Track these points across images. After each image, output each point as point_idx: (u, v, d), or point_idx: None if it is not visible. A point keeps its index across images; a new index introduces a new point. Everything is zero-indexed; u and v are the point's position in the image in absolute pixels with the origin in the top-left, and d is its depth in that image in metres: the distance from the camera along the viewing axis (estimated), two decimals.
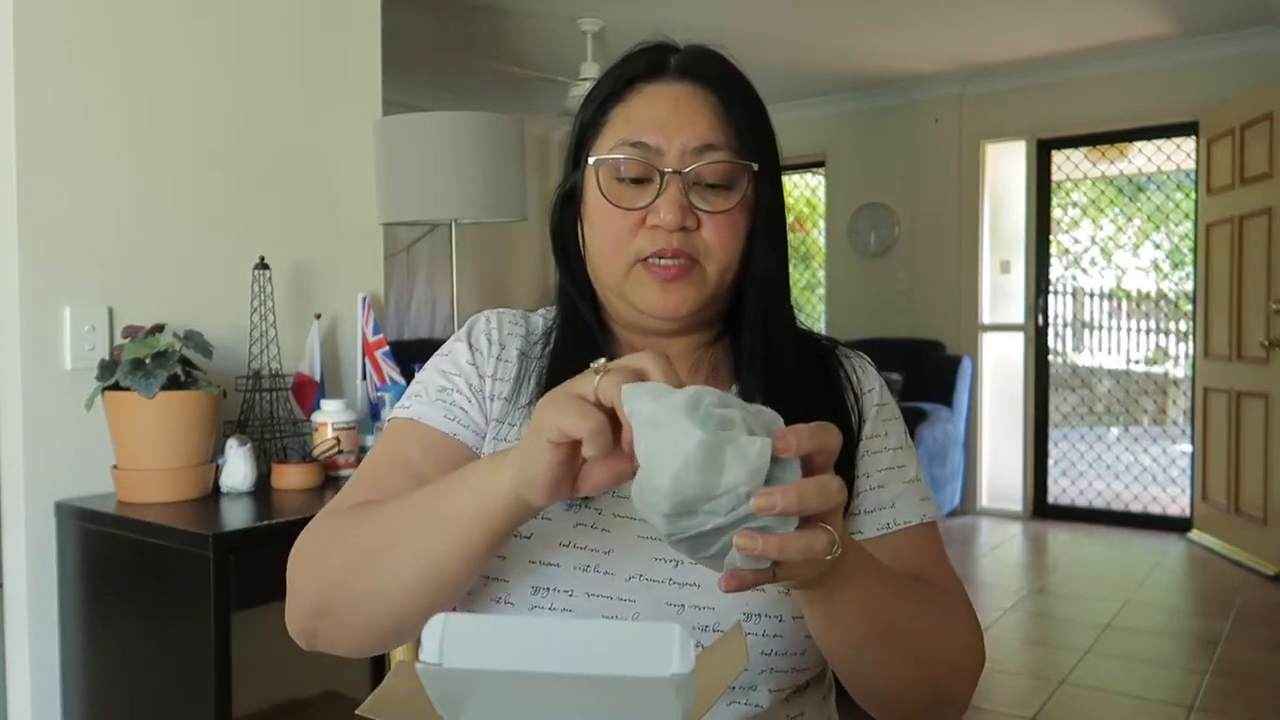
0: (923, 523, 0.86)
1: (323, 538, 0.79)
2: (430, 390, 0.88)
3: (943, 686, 0.78)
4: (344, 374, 2.19)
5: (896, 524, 0.85)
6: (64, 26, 1.74)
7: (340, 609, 0.76)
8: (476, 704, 0.53)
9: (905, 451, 0.90)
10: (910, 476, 0.88)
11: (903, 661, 0.74)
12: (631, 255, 0.82)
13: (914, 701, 0.77)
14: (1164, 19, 4.49)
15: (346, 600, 0.75)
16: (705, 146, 0.81)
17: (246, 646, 1.88)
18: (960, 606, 0.82)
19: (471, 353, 0.90)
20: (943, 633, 0.78)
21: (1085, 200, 7.24)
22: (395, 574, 0.72)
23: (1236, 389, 4.44)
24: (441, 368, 0.90)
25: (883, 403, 0.90)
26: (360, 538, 0.75)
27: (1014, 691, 2.89)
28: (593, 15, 4.33)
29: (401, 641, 0.78)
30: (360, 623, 0.75)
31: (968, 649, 0.80)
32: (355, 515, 0.77)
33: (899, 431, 0.90)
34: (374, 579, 0.73)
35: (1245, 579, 4.12)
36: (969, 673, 0.80)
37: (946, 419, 5.09)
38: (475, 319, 0.93)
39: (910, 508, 0.86)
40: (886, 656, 0.73)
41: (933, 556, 0.86)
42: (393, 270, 5.56)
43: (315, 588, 0.77)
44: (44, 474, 1.73)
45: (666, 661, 0.49)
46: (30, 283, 1.71)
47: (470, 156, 2.13)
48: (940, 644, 0.77)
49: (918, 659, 0.74)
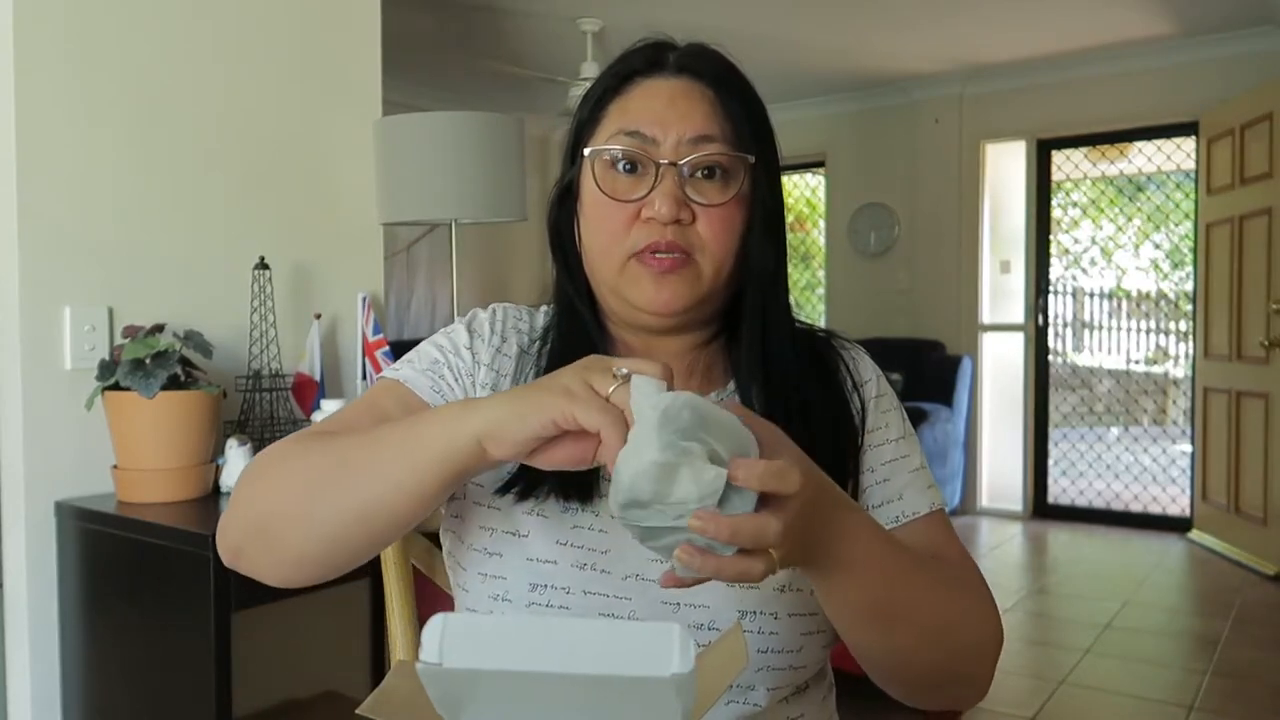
0: (932, 511, 0.86)
1: (282, 454, 0.77)
2: (423, 360, 0.88)
3: (958, 662, 0.77)
4: (344, 374, 2.19)
5: (906, 516, 0.85)
6: (64, 26, 1.74)
7: (279, 526, 0.73)
8: (476, 704, 0.53)
9: (907, 441, 0.89)
10: (915, 466, 0.88)
11: (915, 637, 0.73)
12: (627, 249, 0.82)
13: (930, 678, 0.77)
14: (1164, 19, 4.49)
15: (289, 516, 0.73)
16: (701, 138, 0.81)
17: (246, 646, 1.88)
18: (975, 583, 0.81)
19: (471, 338, 0.89)
20: (957, 609, 0.77)
21: (1085, 200, 7.24)
22: (343, 494, 0.71)
23: (1236, 389, 4.44)
24: (439, 343, 0.90)
25: (880, 394, 0.90)
26: (319, 456, 0.74)
27: (1014, 691, 2.89)
28: (593, 15, 4.33)
29: (322, 576, 0.76)
30: (293, 543, 0.73)
31: (983, 626, 0.79)
32: (319, 438, 0.76)
33: (899, 421, 0.90)
34: (322, 497, 0.71)
35: (1245, 579, 4.12)
36: (986, 650, 0.79)
37: (946, 419, 5.09)
38: (479, 310, 0.93)
39: (918, 498, 0.86)
40: (897, 632, 0.72)
41: (945, 542, 0.85)
42: (393, 270, 5.56)
43: (262, 501, 0.75)
44: (44, 474, 1.73)
45: (666, 661, 0.49)
46: (30, 283, 1.71)
47: (470, 156, 2.13)
48: (954, 620, 0.76)
49: (930, 634, 0.74)
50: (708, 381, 0.89)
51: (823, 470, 0.66)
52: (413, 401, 0.85)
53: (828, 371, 0.89)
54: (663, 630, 0.50)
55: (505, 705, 0.53)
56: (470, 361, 0.88)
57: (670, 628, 0.50)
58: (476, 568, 0.83)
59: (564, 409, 0.62)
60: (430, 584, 1.04)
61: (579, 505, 0.81)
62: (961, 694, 0.80)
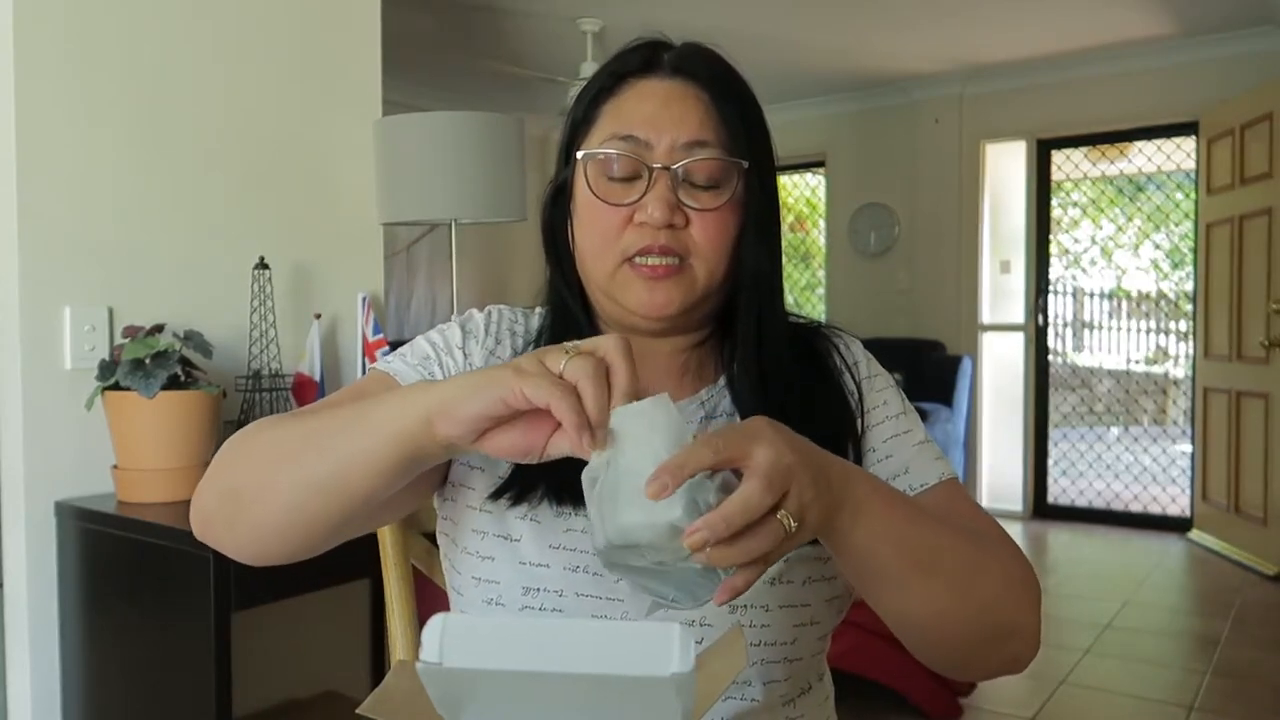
0: (942, 481, 0.85)
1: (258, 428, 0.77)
2: (416, 354, 0.88)
3: (994, 614, 0.74)
4: (344, 374, 2.19)
5: (915, 488, 0.84)
6: (64, 26, 1.74)
7: (244, 495, 0.73)
8: (476, 704, 0.53)
9: (907, 417, 0.88)
10: (918, 440, 0.87)
11: (944, 586, 0.71)
12: (619, 253, 0.81)
13: (970, 633, 0.74)
14: (1164, 19, 4.49)
15: (252, 485, 0.73)
16: (695, 143, 0.81)
17: (246, 646, 1.88)
18: (997, 535, 0.79)
19: (465, 338, 0.89)
20: (981, 563, 0.73)
21: (1085, 200, 7.23)
22: (301, 467, 0.70)
23: (1236, 389, 4.44)
24: (432, 340, 0.90)
25: (873, 374, 0.90)
26: (287, 430, 0.74)
27: (1014, 691, 2.89)
28: (593, 15, 4.33)
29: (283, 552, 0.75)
30: (255, 514, 0.73)
31: (1014, 578, 0.75)
32: (294, 415, 0.76)
33: (895, 399, 0.89)
34: (282, 468, 0.71)
35: (1245, 579, 4.12)
36: (1025, 598, 0.75)
37: (946, 419, 5.09)
38: (478, 311, 0.93)
39: (925, 469, 0.85)
40: (928, 583, 0.70)
41: (964, 509, 0.83)
42: (393, 270, 5.56)
43: (229, 471, 0.75)
44: (44, 474, 1.73)
45: (666, 661, 0.49)
46: (30, 283, 1.71)
47: (470, 156, 2.13)
48: (980, 573, 0.73)
49: (956, 587, 0.71)
50: (699, 379, 0.89)
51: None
52: None
53: (822, 363, 0.89)
54: (663, 630, 0.50)
55: (505, 705, 0.53)
56: (462, 361, 0.88)
57: (670, 627, 0.50)
58: (470, 571, 0.83)
59: (512, 385, 0.61)
60: (430, 584, 1.04)
61: (572, 509, 0.81)
62: (1009, 649, 0.76)
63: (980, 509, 0.85)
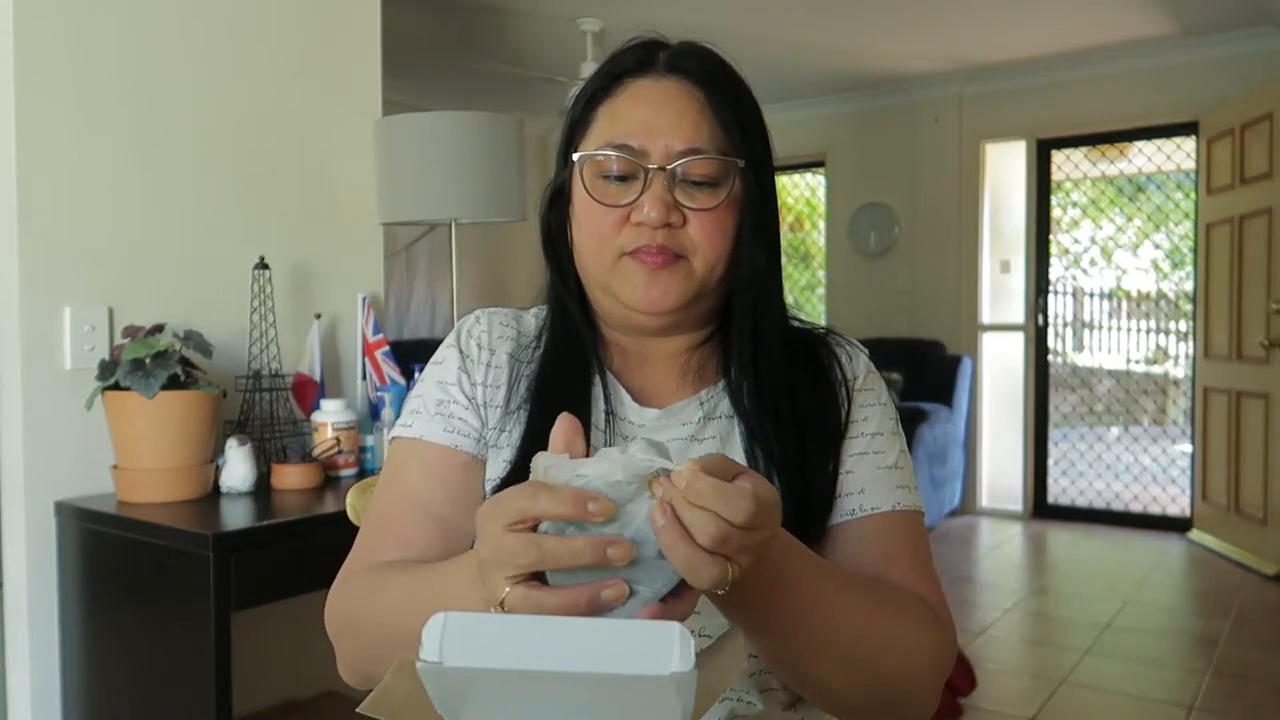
0: (895, 510, 0.83)
1: (348, 613, 0.82)
2: (429, 404, 0.88)
3: (882, 691, 0.74)
4: (344, 374, 2.19)
5: (863, 510, 0.83)
6: (64, 27, 1.74)
7: (361, 671, 0.82)
8: (476, 703, 0.53)
9: (886, 438, 0.87)
10: (888, 463, 0.85)
11: (831, 669, 0.72)
12: (616, 251, 0.82)
13: (852, 704, 0.75)
14: (1163, 19, 4.49)
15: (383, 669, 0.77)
16: (689, 150, 0.80)
17: (246, 646, 1.88)
18: (919, 608, 0.78)
19: (463, 359, 0.89)
20: (888, 642, 0.74)
21: (1085, 200, 7.23)
22: (386, 660, 0.72)
23: (1236, 389, 4.44)
24: (438, 378, 0.89)
25: (865, 389, 0.89)
26: (374, 620, 0.78)
27: (1014, 691, 2.89)
28: (593, 15, 4.33)
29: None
30: (374, 671, 0.78)
31: (919, 656, 0.75)
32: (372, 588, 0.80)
33: (879, 417, 0.88)
34: (377, 662, 0.75)
35: (1245, 579, 4.11)
36: (927, 674, 0.76)
37: (946, 419, 5.08)
38: (465, 321, 0.93)
39: (881, 494, 0.84)
40: (811, 662, 0.71)
41: (903, 549, 0.82)
42: (393, 270, 5.56)
43: (355, 660, 0.83)
44: (44, 474, 1.73)
45: (666, 660, 0.49)
46: (30, 283, 1.71)
47: (470, 156, 2.13)
48: (883, 652, 0.73)
49: (857, 666, 0.72)
50: (699, 379, 0.88)
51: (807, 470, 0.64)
52: (433, 457, 0.86)
53: (820, 370, 0.88)
54: (663, 629, 0.50)
55: (505, 704, 0.53)
56: (470, 385, 0.88)
57: (670, 626, 0.50)
58: None
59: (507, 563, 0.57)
60: None
61: None
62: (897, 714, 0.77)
63: (924, 555, 0.84)
